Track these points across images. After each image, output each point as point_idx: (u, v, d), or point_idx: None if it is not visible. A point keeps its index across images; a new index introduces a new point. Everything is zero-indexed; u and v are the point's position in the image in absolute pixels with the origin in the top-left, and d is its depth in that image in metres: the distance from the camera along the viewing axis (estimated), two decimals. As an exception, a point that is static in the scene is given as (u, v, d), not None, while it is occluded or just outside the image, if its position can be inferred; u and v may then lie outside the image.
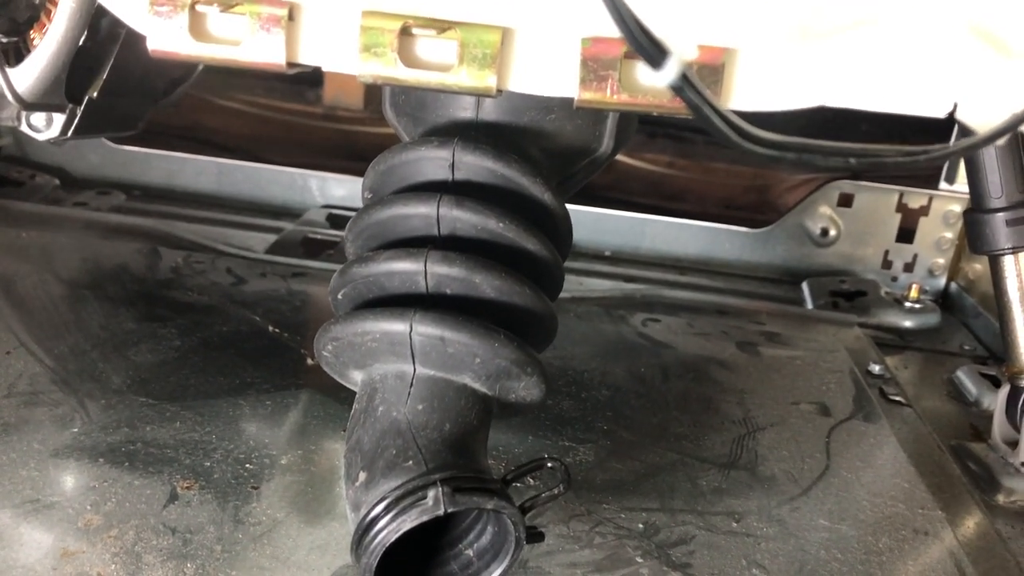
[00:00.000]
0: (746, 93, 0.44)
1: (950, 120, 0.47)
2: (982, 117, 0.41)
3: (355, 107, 1.60)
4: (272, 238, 1.15)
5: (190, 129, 1.45)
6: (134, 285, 0.94)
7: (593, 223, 1.22)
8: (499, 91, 0.44)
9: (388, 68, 0.43)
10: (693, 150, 1.58)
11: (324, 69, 0.45)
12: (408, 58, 0.44)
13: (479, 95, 0.44)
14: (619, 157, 1.50)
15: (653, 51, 0.27)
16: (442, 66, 0.44)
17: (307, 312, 0.94)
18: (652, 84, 0.42)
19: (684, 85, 0.28)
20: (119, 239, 1.06)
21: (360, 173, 1.36)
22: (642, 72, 0.42)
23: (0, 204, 1.12)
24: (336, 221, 1.22)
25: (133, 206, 1.22)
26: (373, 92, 1.61)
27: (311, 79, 1.61)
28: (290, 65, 0.45)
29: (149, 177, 1.29)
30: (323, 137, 1.54)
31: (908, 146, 0.34)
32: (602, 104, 0.43)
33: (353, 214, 0.60)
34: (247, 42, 0.44)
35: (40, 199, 1.20)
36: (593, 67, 0.43)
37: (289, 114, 1.59)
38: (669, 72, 0.27)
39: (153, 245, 1.05)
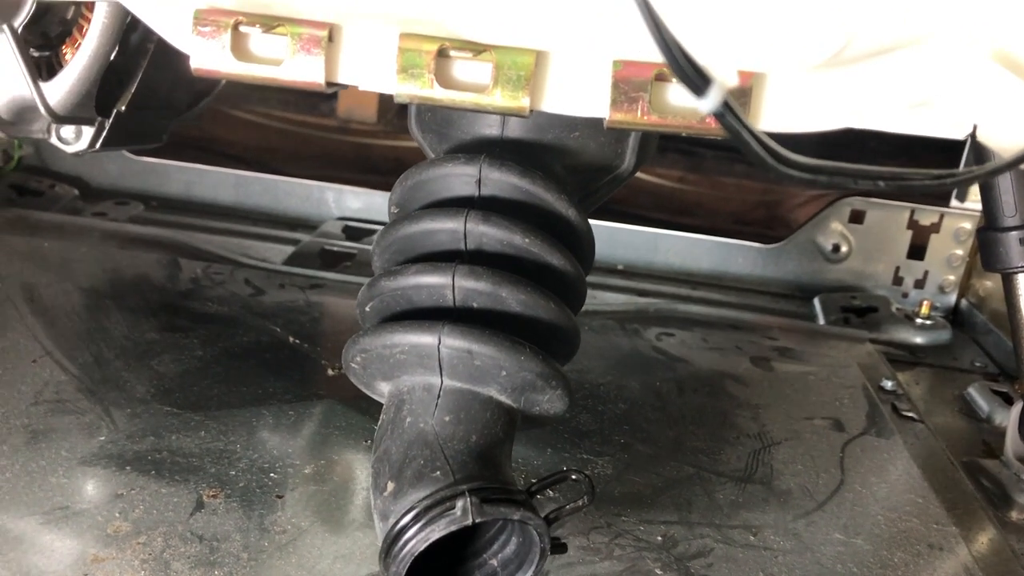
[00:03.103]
0: (773, 115, 0.45)
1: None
2: (1002, 140, 0.42)
3: (369, 120, 1.62)
4: (289, 249, 1.16)
5: (205, 141, 1.46)
6: (155, 295, 0.96)
7: (606, 237, 1.23)
8: (532, 111, 0.45)
9: (424, 89, 0.45)
10: (704, 165, 1.60)
11: (361, 88, 0.46)
12: (444, 79, 0.45)
13: (512, 115, 0.45)
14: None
15: (696, 78, 0.28)
16: (477, 87, 0.45)
17: (326, 323, 0.95)
18: (683, 106, 0.43)
19: (725, 111, 0.29)
20: (139, 249, 1.07)
21: (373, 185, 1.37)
22: (673, 94, 0.44)
23: (21, 214, 1.14)
24: (352, 233, 1.23)
25: (152, 216, 1.23)
26: (386, 106, 1.63)
27: (325, 93, 1.63)
28: (329, 84, 0.46)
29: (167, 188, 1.30)
30: (337, 150, 1.56)
31: (935, 169, 0.35)
32: (632, 125, 0.44)
33: (369, 226, 0.61)
34: (288, 62, 0.45)
35: (59, 209, 1.21)
36: (624, 89, 0.44)
37: (303, 127, 1.60)
38: (712, 100, 0.28)
39: (173, 256, 1.06)
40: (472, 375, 0.54)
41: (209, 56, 0.45)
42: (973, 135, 0.47)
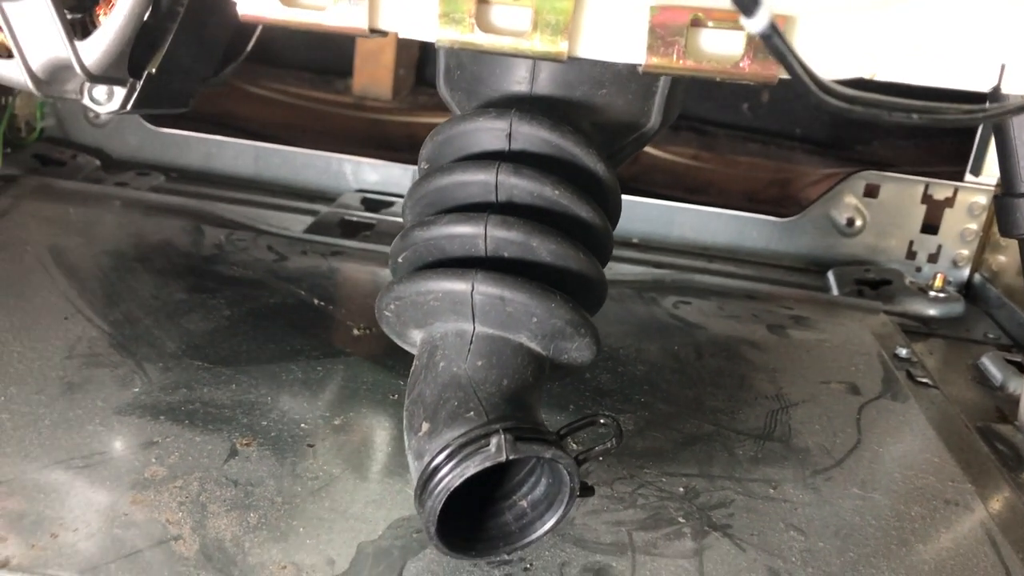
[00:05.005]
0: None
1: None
2: (1031, 84, 0.43)
3: (384, 97, 1.63)
4: (308, 220, 1.17)
5: (221, 116, 1.48)
6: (180, 259, 0.97)
7: (622, 210, 1.24)
8: (569, 57, 0.46)
9: (465, 34, 0.46)
10: (717, 143, 1.61)
11: (401, 36, 0.48)
12: (485, 24, 0.46)
13: (550, 60, 0.47)
14: (644, 148, 1.53)
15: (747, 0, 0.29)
16: (517, 32, 0.46)
17: (350, 287, 0.97)
18: (717, 51, 0.45)
19: (772, 33, 0.30)
20: (162, 217, 1.08)
21: (388, 161, 1.37)
22: (708, 39, 0.45)
23: (45, 181, 1.15)
24: (371, 205, 1.24)
25: (173, 187, 1.25)
26: (401, 83, 1.64)
27: (341, 70, 1.65)
28: (372, 31, 0.47)
29: (187, 159, 1.32)
30: (352, 126, 1.57)
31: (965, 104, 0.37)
32: (668, 69, 0.45)
33: (387, 198, 0.62)
34: (331, 8, 0.47)
35: (81, 179, 1.23)
36: (660, 34, 0.45)
37: (319, 103, 1.62)
38: (760, 20, 0.29)
39: (196, 223, 1.07)
40: (504, 322, 0.56)
41: (255, 2, 0.47)
42: (997, 87, 0.48)
